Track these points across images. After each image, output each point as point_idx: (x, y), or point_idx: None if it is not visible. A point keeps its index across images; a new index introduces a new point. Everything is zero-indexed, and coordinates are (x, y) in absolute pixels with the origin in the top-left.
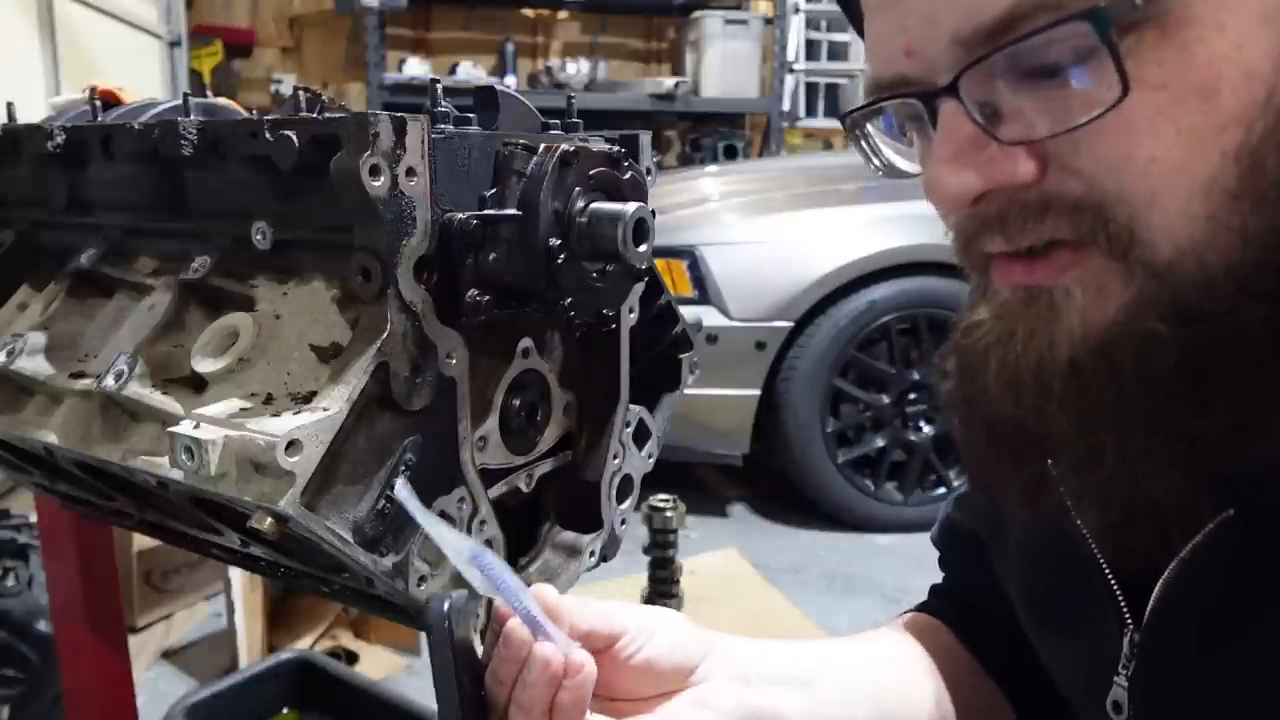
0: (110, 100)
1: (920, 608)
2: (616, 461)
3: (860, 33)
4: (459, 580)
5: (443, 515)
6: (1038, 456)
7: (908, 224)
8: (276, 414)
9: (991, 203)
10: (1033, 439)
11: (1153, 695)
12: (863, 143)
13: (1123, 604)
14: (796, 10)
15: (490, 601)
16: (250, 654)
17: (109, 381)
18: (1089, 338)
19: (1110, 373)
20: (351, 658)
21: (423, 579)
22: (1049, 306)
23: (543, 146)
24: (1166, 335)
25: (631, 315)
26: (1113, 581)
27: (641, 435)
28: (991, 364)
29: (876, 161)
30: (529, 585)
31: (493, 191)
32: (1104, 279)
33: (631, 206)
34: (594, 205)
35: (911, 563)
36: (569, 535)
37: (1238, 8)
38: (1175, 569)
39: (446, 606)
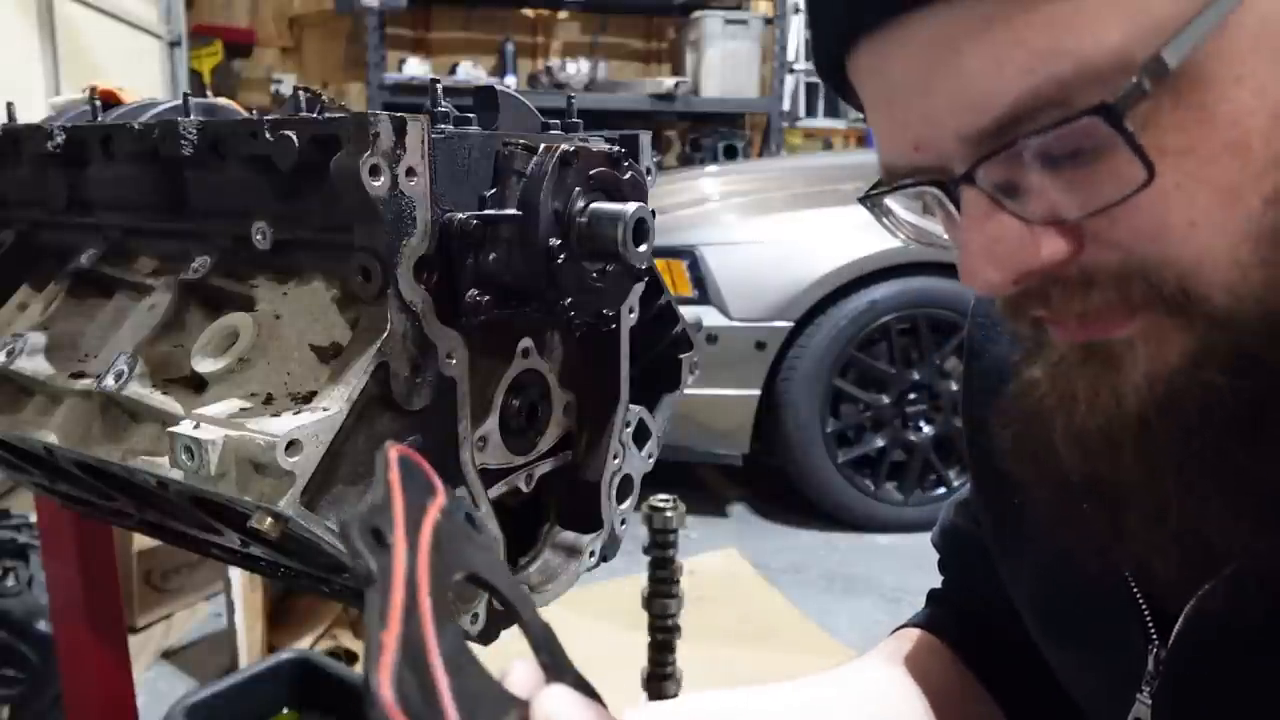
0: (110, 100)
1: (917, 621)
2: (616, 461)
3: (857, 108)
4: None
5: None
6: (1109, 511)
7: None
8: (276, 414)
9: (1031, 280)
10: (1103, 494)
11: (1178, 714)
12: (885, 219)
13: (1149, 621)
14: (796, 10)
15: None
16: (250, 654)
17: (109, 381)
18: (1155, 390)
19: (1177, 426)
20: (351, 658)
21: None
22: (1109, 361)
23: (543, 146)
24: (1225, 386)
25: (631, 315)
26: (1140, 599)
27: (641, 435)
28: (1056, 424)
29: (902, 235)
30: (529, 585)
31: (493, 191)
32: (1164, 330)
33: (631, 206)
34: (594, 205)
35: (911, 563)
36: (569, 535)
37: (1252, 55)
38: (1207, 590)
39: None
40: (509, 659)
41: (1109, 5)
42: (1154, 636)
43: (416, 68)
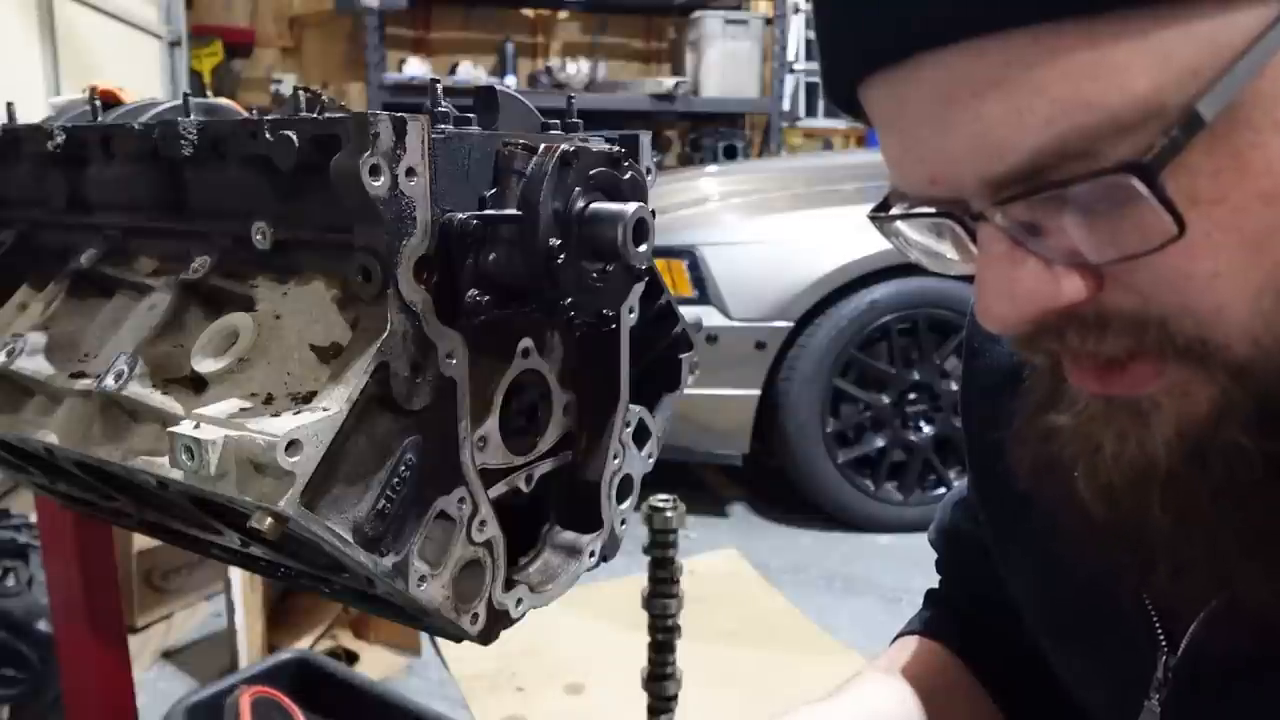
0: (110, 100)
1: (916, 628)
2: (616, 461)
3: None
4: (459, 580)
5: (443, 515)
6: (1136, 558)
7: None
8: (276, 414)
9: (1047, 318)
10: (1129, 543)
11: None
12: (893, 239)
13: (1159, 628)
14: (796, 10)
15: None
16: (250, 654)
17: (109, 381)
18: (1185, 444)
19: (1204, 484)
20: (351, 658)
21: (423, 579)
22: (1136, 417)
23: (543, 146)
24: (1252, 449)
25: (631, 315)
26: (1150, 607)
27: (641, 435)
28: (1080, 473)
29: (913, 255)
30: (529, 585)
31: (493, 191)
32: (1187, 383)
33: (631, 206)
34: (594, 205)
35: (911, 563)
36: (569, 535)
37: None
38: (1219, 600)
39: None
40: (510, 658)
41: (1135, 52)
42: (1163, 643)
43: (416, 68)
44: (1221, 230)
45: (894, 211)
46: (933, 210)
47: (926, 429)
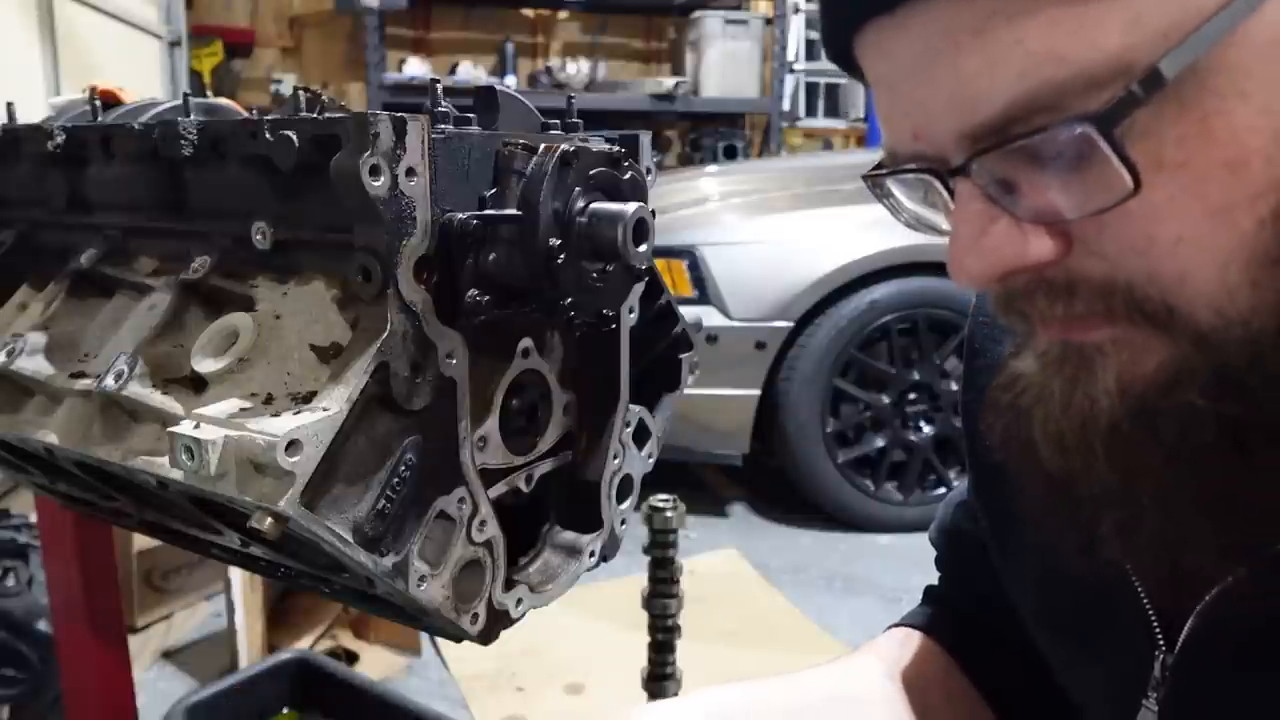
0: (110, 100)
1: (913, 622)
2: (616, 461)
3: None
4: (459, 580)
5: (443, 515)
6: (1085, 511)
7: None
8: (276, 414)
9: (1017, 279)
10: (1079, 494)
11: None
12: (885, 200)
13: (1156, 627)
14: (796, 10)
15: None
16: (250, 654)
17: (109, 381)
18: (1128, 399)
19: (1153, 440)
20: (351, 658)
21: (423, 579)
22: (1083, 364)
23: (543, 146)
24: (1206, 410)
25: (631, 315)
26: (1147, 605)
27: (641, 435)
28: (1035, 421)
29: (902, 218)
30: (529, 585)
31: (493, 191)
32: (1139, 341)
33: (631, 206)
34: (594, 205)
35: (911, 563)
36: (569, 535)
37: (1261, 71)
38: (1213, 596)
39: None
40: (510, 658)
41: (1110, 11)
42: (1160, 642)
43: (416, 68)
44: (1186, 195)
45: (884, 169)
46: (914, 167)
47: (926, 429)
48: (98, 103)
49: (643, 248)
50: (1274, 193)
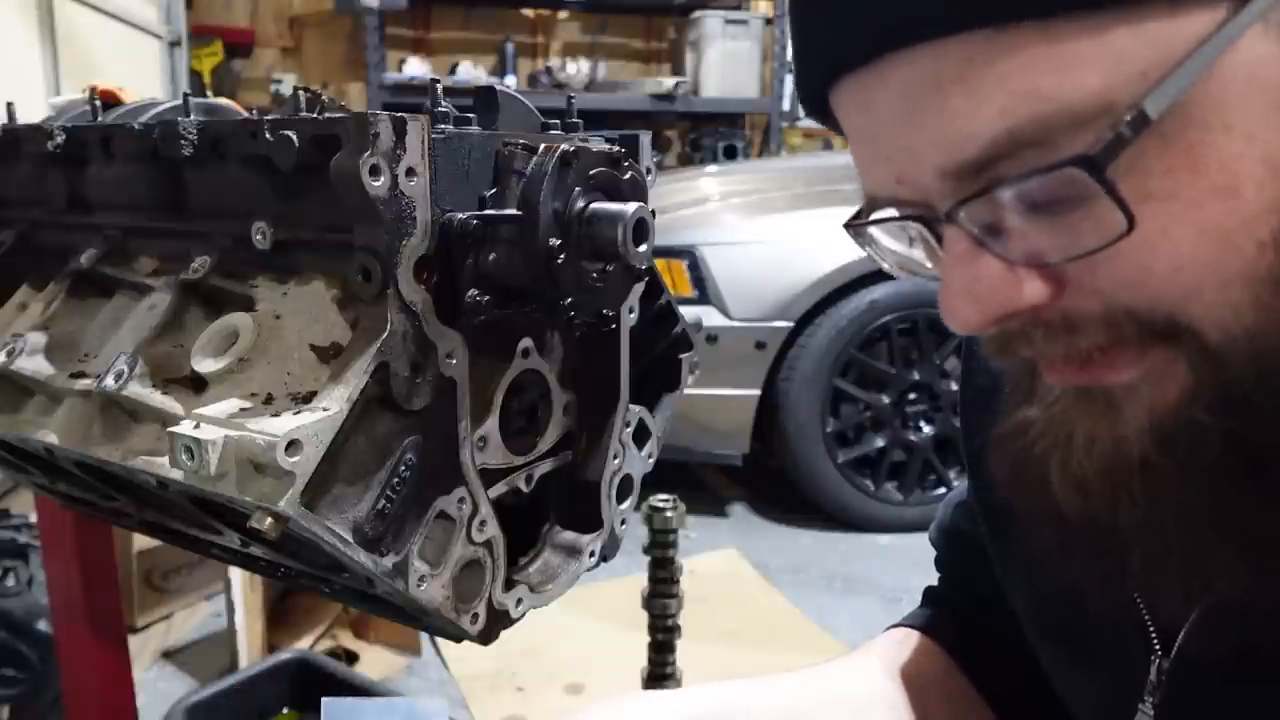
0: (110, 100)
1: (913, 622)
2: (616, 461)
3: (840, 135)
4: (459, 580)
5: (443, 515)
6: (1112, 552)
7: None
8: (276, 414)
9: (1013, 322)
10: (1104, 536)
11: None
12: (868, 247)
13: (1151, 631)
14: None
15: None
16: (250, 654)
17: (109, 381)
18: (1156, 429)
19: (1175, 465)
20: (351, 658)
21: (423, 579)
22: (1109, 405)
23: (543, 146)
24: (1213, 426)
25: (631, 315)
26: (1143, 610)
27: (641, 435)
28: (1052, 466)
29: (886, 264)
30: (529, 585)
31: (493, 191)
32: (1165, 365)
33: (631, 206)
34: (594, 205)
35: (911, 563)
36: (569, 535)
37: (1241, 104)
38: (1210, 603)
39: None
40: (510, 658)
41: (1089, 50)
42: (1156, 647)
43: (416, 68)
44: (1179, 224)
45: (865, 218)
46: (898, 214)
47: (926, 429)
48: (98, 103)
49: (643, 248)
50: (1272, 215)
